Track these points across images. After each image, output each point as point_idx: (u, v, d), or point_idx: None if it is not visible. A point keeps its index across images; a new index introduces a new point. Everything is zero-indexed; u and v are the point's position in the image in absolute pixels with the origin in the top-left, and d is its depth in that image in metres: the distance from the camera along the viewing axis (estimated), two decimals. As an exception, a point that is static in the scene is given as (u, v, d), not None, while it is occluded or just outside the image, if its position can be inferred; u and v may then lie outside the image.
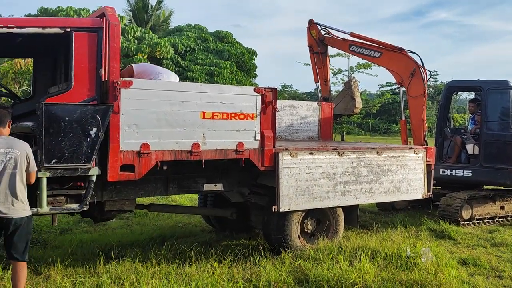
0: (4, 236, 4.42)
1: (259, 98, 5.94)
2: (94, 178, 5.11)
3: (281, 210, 6.13)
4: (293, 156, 6.20)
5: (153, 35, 25.33)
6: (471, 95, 12.93)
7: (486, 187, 10.08)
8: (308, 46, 10.15)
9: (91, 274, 5.58)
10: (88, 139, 4.90)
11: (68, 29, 5.05)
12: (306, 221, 6.72)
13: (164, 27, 34.83)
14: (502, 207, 9.56)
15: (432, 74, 51.31)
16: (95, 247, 6.72)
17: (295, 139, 8.84)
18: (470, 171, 9.46)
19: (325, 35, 9.84)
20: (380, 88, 48.90)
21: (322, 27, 9.87)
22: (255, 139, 5.97)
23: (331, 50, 10.43)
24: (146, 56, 23.48)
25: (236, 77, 27.09)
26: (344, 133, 35.04)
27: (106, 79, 5.13)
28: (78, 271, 5.68)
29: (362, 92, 36.27)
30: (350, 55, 27.51)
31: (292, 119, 8.92)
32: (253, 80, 29.59)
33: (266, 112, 6.01)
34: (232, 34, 29.65)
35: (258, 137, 5.98)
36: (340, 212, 6.98)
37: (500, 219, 9.53)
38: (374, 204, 10.16)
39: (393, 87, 43.89)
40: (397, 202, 9.71)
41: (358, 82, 10.37)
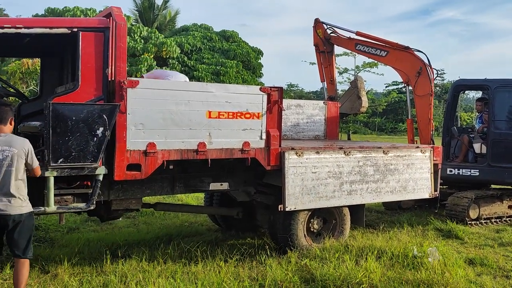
0: (6, 233, 4.44)
1: (265, 97, 5.94)
2: (101, 177, 5.13)
3: (287, 209, 6.13)
4: (299, 156, 6.20)
5: (159, 35, 25.37)
6: (479, 94, 12.85)
7: (494, 187, 10.03)
8: (314, 45, 10.14)
9: (98, 273, 5.61)
10: (95, 139, 4.92)
11: (75, 29, 5.08)
12: (312, 220, 6.72)
13: (170, 27, 34.89)
14: (510, 207, 9.51)
15: (439, 73, 51.19)
16: (102, 246, 6.75)
17: (301, 139, 8.84)
18: (478, 170, 9.41)
19: (331, 34, 9.83)
20: (387, 87, 48.84)
21: (328, 26, 9.86)
22: (261, 139, 5.97)
23: (337, 49, 10.43)
24: (152, 56, 23.53)
25: (242, 77, 27.10)
26: (350, 132, 34.96)
27: (113, 79, 5.15)
28: (85, 270, 5.71)
29: (368, 91, 36.19)
30: (356, 54, 27.50)
31: (298, 118, 8.91)
32: (259, 79, 29.59)
33: (272, 111, 6.01)
34: (238, 34, 29.67)
35: (264, 136, 5.98)
36: (346, 212, 6.96)
37: (508, 219, 9.47)
38: (381, 204, 10.13)
39: (400, 86, 43.79)
40: (404, 202, 9.67)
41: (364, 81, 10.37)
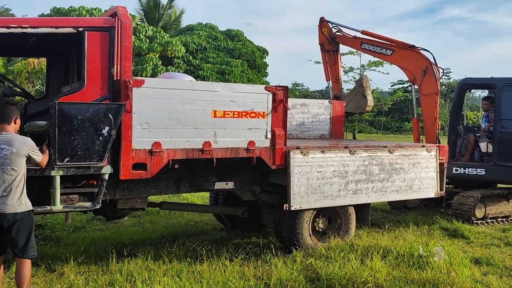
0: (4, 233, 4.43)
1: (270, 97, 5.94)
2: (107, 177, 5.15)
3: (293, 209, 6.13)
4: (305, 155, 6.19)
5: (165, 34, 25.42)
6: (485, 93, 12.80)
7: (500, 186, 9.98)
8: (319, 44, 10.12)
9: (104, 272, 5.63)
10: (101, 138, 4.93)
11: (81, 29, 5.10)
12: (318, 220, 6.72)
13: (176, 26, 34.95)
14: (516, 206, 9.46)
15: (445, 72, 50.78)
16: (108, 245, 6.77)
17: (306, 138, 8.83)
18: (484, 170, 9.37)
19: (336, 33, 9.80)
20: (392, 86, 48.69)
21: (334, 25, 9.84)
22: (266, 138, 5.97)
23: (343, 48, 10.39)
24: (158, 55, 23.58)
25: (247, 76, 27.11)
26: (356, 132, 34.91)
27: (118, 78, 5.16)
28: (91, 269, 5.74)
29: (374, 90, 36.12)
30: (362, 53, 27.46)
31: (303, 118, 8.90)
32: (264, 79, 29.59)
33: (277, 111, 6.00)
34: (243, 33, 29.68)
35: (269, 136, 5.98)
36: (352, 211, 6.95)
37: (514, 218, 9.43)
38: (386, 203, 10.11)
39: (405, 85, 43.58)
40: (409, 201, 9.65)
41: (370, 80, 10.34)
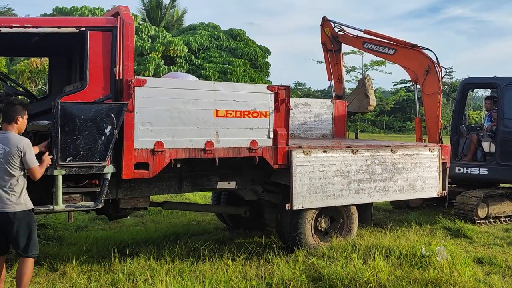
0: (6, 232, 4.45)
1: (273, 96, 5.94)
2: (109, 176, 5.15)
3: (295, 208, 6.12)
4: (307, 154, 6.19)
5: (167, 34, 25.44)
6: (487, 92, 12.75)
7: (503, 185, 9.96)
8: (322, 44, 10.11)
9: (106, 271, 5.64)
10: (103, 137, 4.94)
11: (83, 28, 5.10)
12: (320, 219, 6.71)
13: (178, 26, 34.97)
14: (519, 206, 9.43)
15: (448, 71, 50.85)
16: (110, 244, 6.78)
17: (309, 137, 8.82)
18: (486, 169, 9.35)
19: (339, 33, 9.79)
20: (395, 86, 48.65)
21: (336, 25, 9.82)
22: (269, 137, 5.97)
23: (345, 48, 10.37)
24: (160, 55, 23.59)
25: (250, 75, 27.12)
26: (358, 131, 34.89)
27: (121, 78, 5.17)
28: (94, 268, 5.75)
29: (376, 90, 36.09)
30: (364, 53, 27.41)
31: (306, 117, 8.89)
32: (267, 78, 29.59)
33: (280, 110, 6.00)
34: (245, 32, 29.69)
35: (272, 135, 5.98)
36: (354, 210, 6.95)
37: (517, 218, 9.41)
38: (389, 202, 10.10)
39: (408, 85, 43.56)
40: (412, 200, 9.64)
41: (372, 80, 10.30)
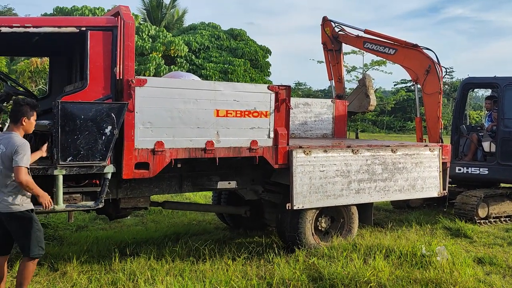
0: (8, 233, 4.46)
1: (273, 96, 5.94)
2: (109, 176, 5.15)
3: (295, 208, 6.12)
4: (307, 154, 6.19)
5: (167, 34, 25.43)
6: (488, 92, 12.74)
7: (503, 185, 9.96)
8: (322, 44, 10.11)
9: (107, 271, 5.64)
10: (103, 137, 4.94)
11: (84, 28, 5.10)
12: (320, 219, 6.71)
13: (178, 26, 34.97)
14: (519, 206, 9.43)
15: (448, 71, 50.71)
16: (111, 244, 6.78)
17: (309, 137, 8.82)
18: (487, 169, 9.35)
19: (339, 32, 9.79)
20: (395, 85, 48.60)
21: (336, 24, 9.82)
22: (269, 137, 5.97)
23: (345, 47, 10.37)
24: (161, 55, 23.60)
25: (250, 75, 27.12)
26: (359, 131, 34.86)
27: (121, 78, 5.17)
28: (94, 268, 5.75)
29: (377, 90, 36.07)
30: (365, 52, 27.40)
31: (306, 117, 8.90)
32: (267, 78, 29.58)
33: (280, 110, 6.00)
34: (246, 32, 29.69)
35: (272, 135, 5.98)
36: (354, 210, 6.95)
37: (517, 218, 9.40)
38: (389, 202, 10.10)
39: (408, 84, 43.55)
40: (412, 200, 9.64)
41: (373, 80, 10.30)
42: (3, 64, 19.70)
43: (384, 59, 25.68)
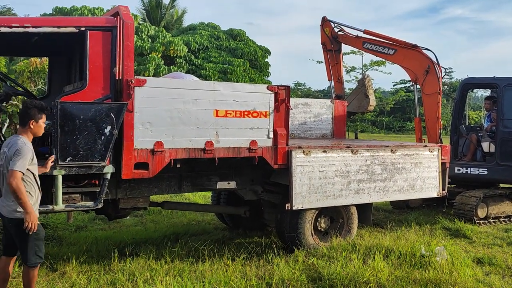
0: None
1: (272, 96, 5.94)
2: (109, 176, 5.16)
3: (294, 208, 6.13)
4: (307, 154, 6.19)
5: (167, 34, 25.41)
6: (487, 92, 12.76)
7: (502, 186, 9.96)
8: (322, 44, 10.11)
9: (106, 271, 5.63)
10: (103, 137, 4.94)
11: (83, 28, 5.10)
12: (320, 219, 6.71)
13: (178, 26, 34.94)
14: (519, 206, 9.44)
15: (447, 71, 50.83)
16: (110, 244, 6.78)
17: (308, 137, 8.82)
18: (486, 169, 9.35)
19: (339, 33, 9.79)
20: (394, 86, 48.60)
21: (336, 25, 9.82)
22: (268, 137, 5.97)
23: (345, 48, 10.38)
24: (160, 55, 23.58)
25: (249, 75, 27.09)
26: (358, 131, 34.85)
27: (120, 78, 5.17)
28: (93, 268, 5.74)
29: (376, 90, 36.07)
30: (364, 53, 27.41)
31: (306, 117, 8.90)
32: (266, 78, 29.57)
33: (279, 110, 6.00)
34: (245, 32, 29.66)
35: (271, 135, 5.98)
36: (354, 210, 6.95)
37: (516, 218, 9.41)
38: (388, 203, 10.10)
39: (407, 85, 43.51)
40: (411, 201, 9.64)
41: (372, 80, 10.30)
42: (2, 64, 19.67)
43: (384, 60, 25.69)
